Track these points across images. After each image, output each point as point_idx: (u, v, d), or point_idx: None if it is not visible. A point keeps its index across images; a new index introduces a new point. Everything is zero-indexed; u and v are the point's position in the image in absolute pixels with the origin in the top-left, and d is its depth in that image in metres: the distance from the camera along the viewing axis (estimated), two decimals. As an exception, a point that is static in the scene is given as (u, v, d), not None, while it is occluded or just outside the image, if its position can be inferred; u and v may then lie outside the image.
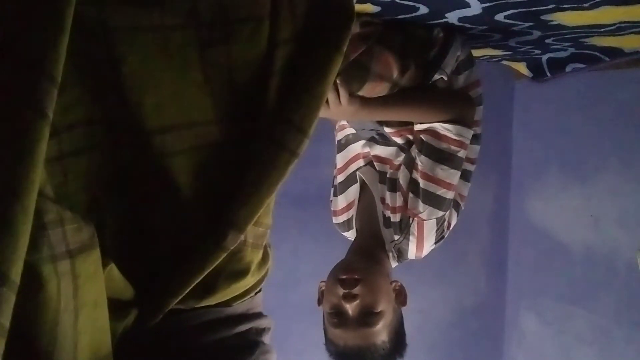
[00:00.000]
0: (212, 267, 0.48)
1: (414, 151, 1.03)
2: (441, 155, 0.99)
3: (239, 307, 0.54)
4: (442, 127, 0.98)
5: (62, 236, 0.36)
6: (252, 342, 0.53)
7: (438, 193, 1.01)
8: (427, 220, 1.03)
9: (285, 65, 0.49)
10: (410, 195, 1.03)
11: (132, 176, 0.46)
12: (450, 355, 2.29)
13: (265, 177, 0.48)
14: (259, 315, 0.57)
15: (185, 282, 0.47)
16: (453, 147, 0.99)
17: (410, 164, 1.04)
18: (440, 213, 1.03)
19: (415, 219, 1.04)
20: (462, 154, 1.01)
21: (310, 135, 0.50)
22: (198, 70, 0.45)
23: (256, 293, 0.58)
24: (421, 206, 1.02)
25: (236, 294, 0.53)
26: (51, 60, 0.34)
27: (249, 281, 0.55)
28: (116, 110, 0.44)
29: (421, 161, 1.00)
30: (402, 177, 1.06)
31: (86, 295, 0.38)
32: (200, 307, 0.51)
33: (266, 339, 0.56)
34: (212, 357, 0.50)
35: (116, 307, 0.44)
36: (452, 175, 1.01)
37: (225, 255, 0.48)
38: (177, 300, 0.48)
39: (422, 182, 1.01)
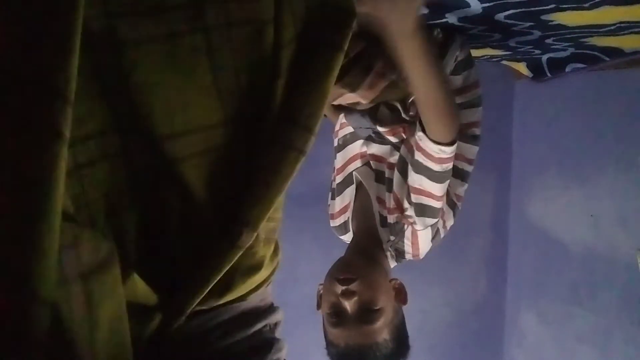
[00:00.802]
0: (229, 266, 0.49)
1: (408, 157, 1.02)
2: (431, 173, 0.98)
3: (253, 300, 0.56)
4: (438, 149, 0.94)
5: (75, 258, 0.37)
6: (267, 340, 0.55)
7: (429, 204, 1.02)
8: (422, 230, 1.05)
9: (289, 66, 0.51)
10: (406, 203, 1.04)
11: (146, 182, 0.47)
12: (450, 355, 2.29)
13: (275, 175, 0.50)
14: (271, 309, 0.59)
15: (205, 282, 0.49)
16: (445, 165, 0.98)
17: (403, 170, 1.04)
18: (433, 221, 1.04)
19: (409, 226, 1.05)
20: (451, 166, 1.00)
21: (316, 133, 0.51)
22: (206, 73, 0.46)
23: (267, 284, 0.59)
24: (415, 217, 1.03)
25: (252, 287, 0.55)
26: (63, 80, 0.34)
27: (263, 274, 0.56)
28: (127, 118, 0.45)
29: (412, 179, 1.00)
30: (396, 181, 1.07)
31: (103, 312, 0.39)
32: (218, 305, 0.52)
33: (278, 333, 0.58)
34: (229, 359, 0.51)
35: (141, 313, 0.44)
36: (442, 189, 1.01)
37: (240, 252, 0.50)
38: (198, 300, 0.49)
39: (413, 197, 1.01)
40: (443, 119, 0.91)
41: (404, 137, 1.06)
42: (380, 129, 1.06)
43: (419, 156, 0.98)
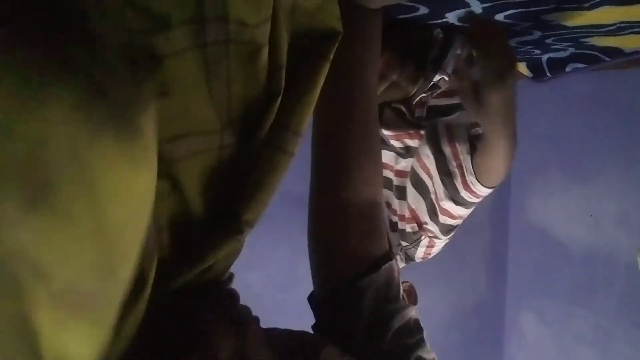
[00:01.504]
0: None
1: (441, 187, 1.01)
2: (469, 204, 0.99)
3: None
4: (487, 192, 0.93)
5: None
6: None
7: (455, 224, 1.04)
8: (441, 241, 1.07)
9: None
10: (427, 218, 1.05)
11: None
12: (450, 355, 2.29)
13: (268, 177, 0.54)
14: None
15: (192, 270, 0.52)
16: (480, 200, 0.99)
17: (423, 191, 1.05)
18: (452, 234, 1.06)
19: (428, 238, 1.07)
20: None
21: (303, 134, 0.56)
22: (205, 86, 0.49)
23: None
24: (438, 234, 1.04)
25: (227, 268, 0.60)
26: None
27: (236, 256, 0.61)
28: None
29: (449, 206, 1.00)
30: (411, 193, 1.07)
31: None
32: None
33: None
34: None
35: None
36: (466, 213, 1.03)
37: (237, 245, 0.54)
38: (180, 284, 0.52)
39: (441, 218, 1.02)
40: (504, 168, 0.88)
41: (409, 145, 1.06)
42: (385, 132, 1.06)
43: (464, 194, 0.97)
